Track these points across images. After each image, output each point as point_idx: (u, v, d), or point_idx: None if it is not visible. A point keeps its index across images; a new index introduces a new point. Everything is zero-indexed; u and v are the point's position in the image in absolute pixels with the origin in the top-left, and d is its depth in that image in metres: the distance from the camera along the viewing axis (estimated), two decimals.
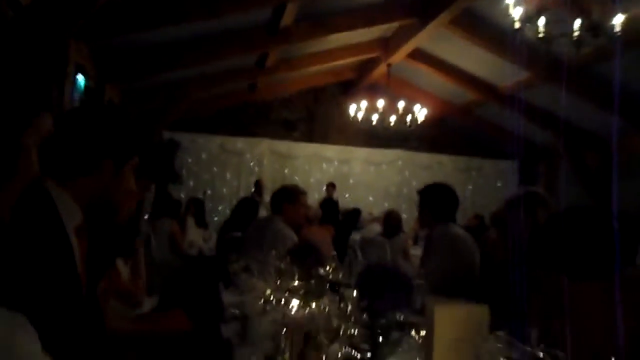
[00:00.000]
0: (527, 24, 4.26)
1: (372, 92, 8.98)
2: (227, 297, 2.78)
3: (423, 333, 1.50)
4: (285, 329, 1.94)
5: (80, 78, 4.90)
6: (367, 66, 9.19)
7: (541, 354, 0.98)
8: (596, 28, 4.25)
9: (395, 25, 7.47)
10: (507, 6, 4.20)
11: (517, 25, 4.19)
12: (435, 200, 2.83)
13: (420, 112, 8.39)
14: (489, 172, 11.13)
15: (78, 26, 3.20)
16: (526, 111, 8.32)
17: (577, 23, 4.21)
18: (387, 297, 1.64)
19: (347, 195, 10.00)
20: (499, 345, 0.98)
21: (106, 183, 1.32)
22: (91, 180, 1.30)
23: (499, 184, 10.95)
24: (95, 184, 1.30)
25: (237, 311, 2.33)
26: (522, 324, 1.11)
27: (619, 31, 4.15)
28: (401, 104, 8.31)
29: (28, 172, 0.70)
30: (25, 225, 1.12)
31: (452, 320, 1.36)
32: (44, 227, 1.18)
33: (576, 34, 4.22)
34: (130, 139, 1.37)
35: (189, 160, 9.52)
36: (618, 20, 4.14)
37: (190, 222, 6.49)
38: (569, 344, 1.08)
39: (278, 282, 2.53)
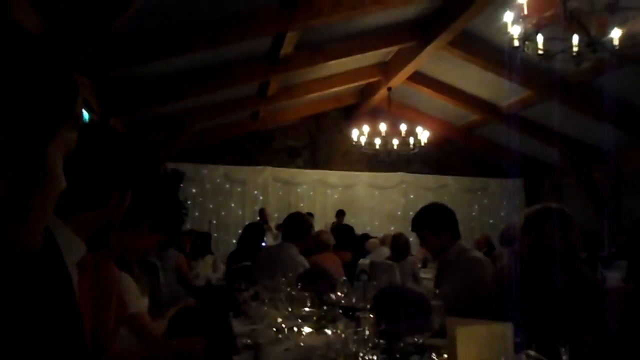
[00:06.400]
0: (526, 42, 4.28)
1: (374, 116, 9.02)
2: (238, 327, 2.72)
3: (445, 355, 1.45)
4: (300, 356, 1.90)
5: (84, 112, 4.93)
6: (368, 91, 9.25)
7: None
8: (595, 43, 4.26)
9: (394, 49, 7.54)
10: (505, 25, 4.23)
11: (515, 43, 4.21)
12: (451, 218, 2.80)
13: (423, 135, 8.40)
14: (494, 192, 11.09)
15: (82, 60, 3.23)
16: (528, 129, 8.33)
17: (576, 39, 4.23)
18: (404, 320, 1.59)
19: (352, 220, 9.94)
20: None
21: (110, 214, 1.29)
22: (97, 214, 1.26)
23: (504, 203, 10.90)
24: (101, 216, 1.27)
25: (248, 340, 2.27)
26: (551, 340, 1.07)
27: (617, 45, 4.16)
28: (403, 127, 8.33)
29: (56, 181, 0.67)
30: (24, 261, 1.08)
31: (475, 341, 1.32)
32: (42, 263, 1.13)
33: (575, 49, 4.23)
34: (137, 170, 1.34)
35: (193, 190, 9.51)
36: (616, 34, 4.16)
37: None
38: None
39: (289, 310, 2.48)
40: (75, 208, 1.23)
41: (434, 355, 1.54)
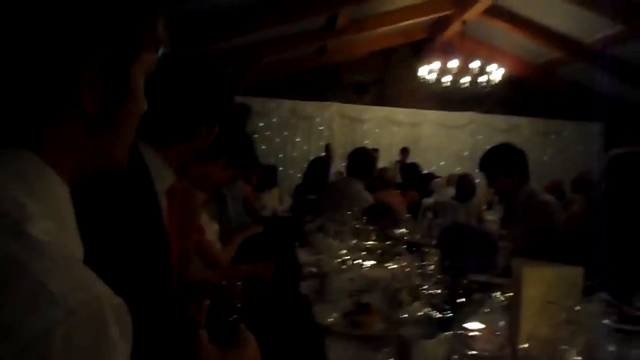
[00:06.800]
0: None
1: (446, 52, 8.66)
2: (304, 256, 2.83)
3: (509, 294, 1.45)
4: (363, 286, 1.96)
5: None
6: (440, 25, 8.84)
7: None
8: None
9: None
10: None
11: None
12: (521, 159, 2.72)
13: (496, 73, 8.01)
14: (569, 135, 10.55)
15: None
16: (614, 68, 7.74)
17: None
18: (470, 257, 1.60)
19: (417, 159, 9.82)
20: (600, 307, 0.93)
21: (199, 147, 1.34)
22: (188, 146, 1.32)
23: (580, 148, 10.37)
24: (191, 149, 1.33)
25: (314, 269, 2.36)
26: (625, 286, 1.04)
27: None
28: (476, 64, 7.97)
29: (138, 100, 0.71)
30: (115, 186, 1.12)
31: (541, 282, 1.31)
32: (133, 188, 1.19)
33: None
34: (223, 101, 1.37)
35: (260, 124, 9.67)
36: None
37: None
38: None
39: (354, 242, 2.54)
40: (167, 140, 1.29)
41: (497, 294, 1.55)
